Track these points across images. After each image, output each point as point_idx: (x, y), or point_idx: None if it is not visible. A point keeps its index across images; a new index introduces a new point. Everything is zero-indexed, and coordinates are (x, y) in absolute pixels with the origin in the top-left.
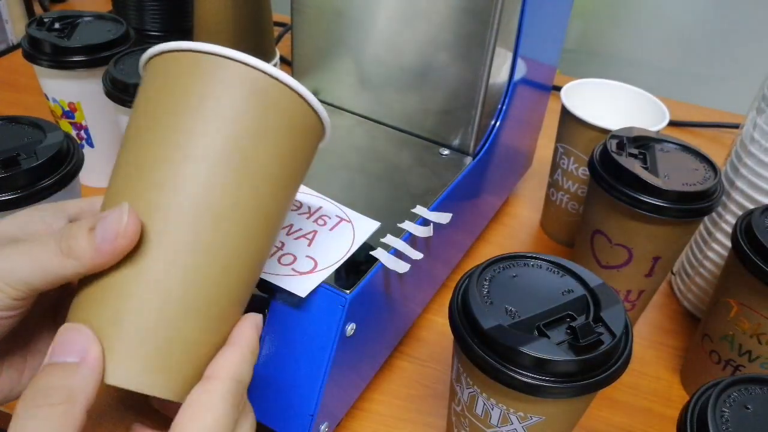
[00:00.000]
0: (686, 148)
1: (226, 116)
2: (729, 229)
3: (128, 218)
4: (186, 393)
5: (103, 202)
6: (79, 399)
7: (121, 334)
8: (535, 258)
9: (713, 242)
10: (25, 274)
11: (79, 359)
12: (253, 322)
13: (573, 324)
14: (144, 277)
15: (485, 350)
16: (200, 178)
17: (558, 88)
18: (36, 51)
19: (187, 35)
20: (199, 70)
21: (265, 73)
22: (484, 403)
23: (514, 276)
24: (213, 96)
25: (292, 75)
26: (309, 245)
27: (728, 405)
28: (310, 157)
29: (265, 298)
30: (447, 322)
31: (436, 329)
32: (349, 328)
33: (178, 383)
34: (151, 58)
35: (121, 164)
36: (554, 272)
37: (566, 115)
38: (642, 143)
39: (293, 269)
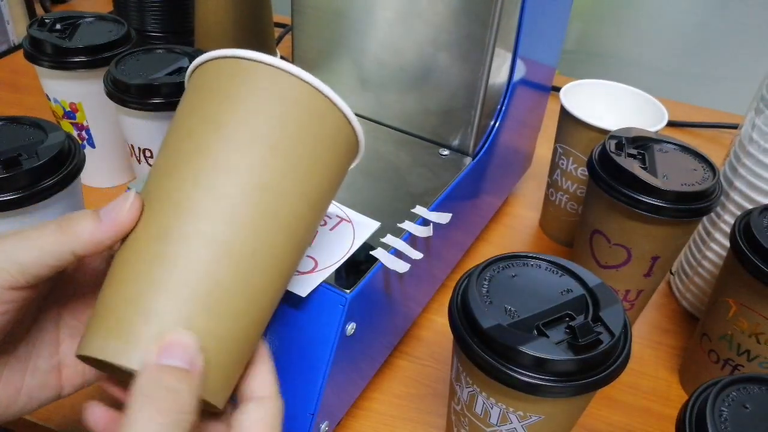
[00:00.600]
0: (685, 149)
1: (278, 124)
2: (727, 229)
3: (132, 199)
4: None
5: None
6: (197, 409)
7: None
8: (535, 258)
9: (712, 242)
10: (20, 255)
11: (190, 367)
12: None
13: (572, 323)
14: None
15: (485, 350)
16: (244, 187)
17: (557, 89)
18: (37, 51)
19: (188, 36)
20: (257, 78)
21: (316, 89)
22: (484, 402)
23: (514, 276)
24: (268, 102)
25: None
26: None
27: (727, 404)
28: (344, 169)
29: None
30: (447, 321)
31: (436, 329)
32: (350, 327)
33: (228, 395)
34: (205, 62)
35: (163, 164)
36: (553, 272)
37: (565, 115)
38: (641, 143)
39: None
